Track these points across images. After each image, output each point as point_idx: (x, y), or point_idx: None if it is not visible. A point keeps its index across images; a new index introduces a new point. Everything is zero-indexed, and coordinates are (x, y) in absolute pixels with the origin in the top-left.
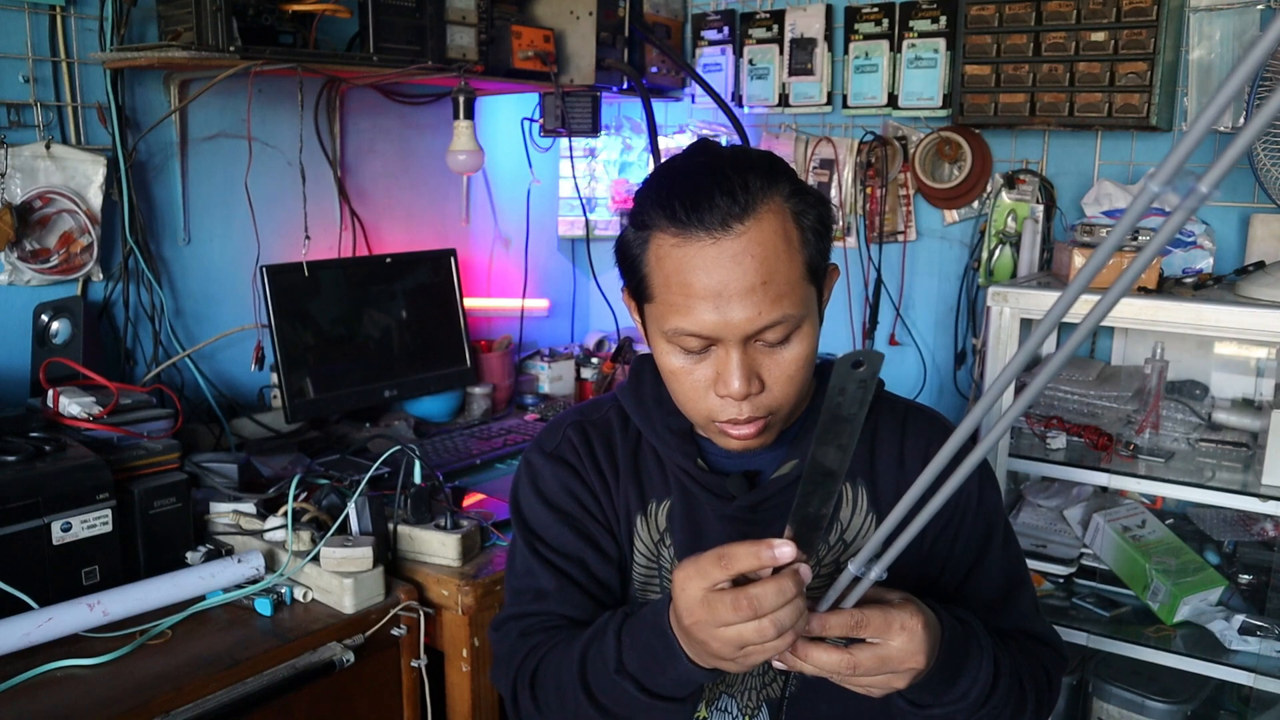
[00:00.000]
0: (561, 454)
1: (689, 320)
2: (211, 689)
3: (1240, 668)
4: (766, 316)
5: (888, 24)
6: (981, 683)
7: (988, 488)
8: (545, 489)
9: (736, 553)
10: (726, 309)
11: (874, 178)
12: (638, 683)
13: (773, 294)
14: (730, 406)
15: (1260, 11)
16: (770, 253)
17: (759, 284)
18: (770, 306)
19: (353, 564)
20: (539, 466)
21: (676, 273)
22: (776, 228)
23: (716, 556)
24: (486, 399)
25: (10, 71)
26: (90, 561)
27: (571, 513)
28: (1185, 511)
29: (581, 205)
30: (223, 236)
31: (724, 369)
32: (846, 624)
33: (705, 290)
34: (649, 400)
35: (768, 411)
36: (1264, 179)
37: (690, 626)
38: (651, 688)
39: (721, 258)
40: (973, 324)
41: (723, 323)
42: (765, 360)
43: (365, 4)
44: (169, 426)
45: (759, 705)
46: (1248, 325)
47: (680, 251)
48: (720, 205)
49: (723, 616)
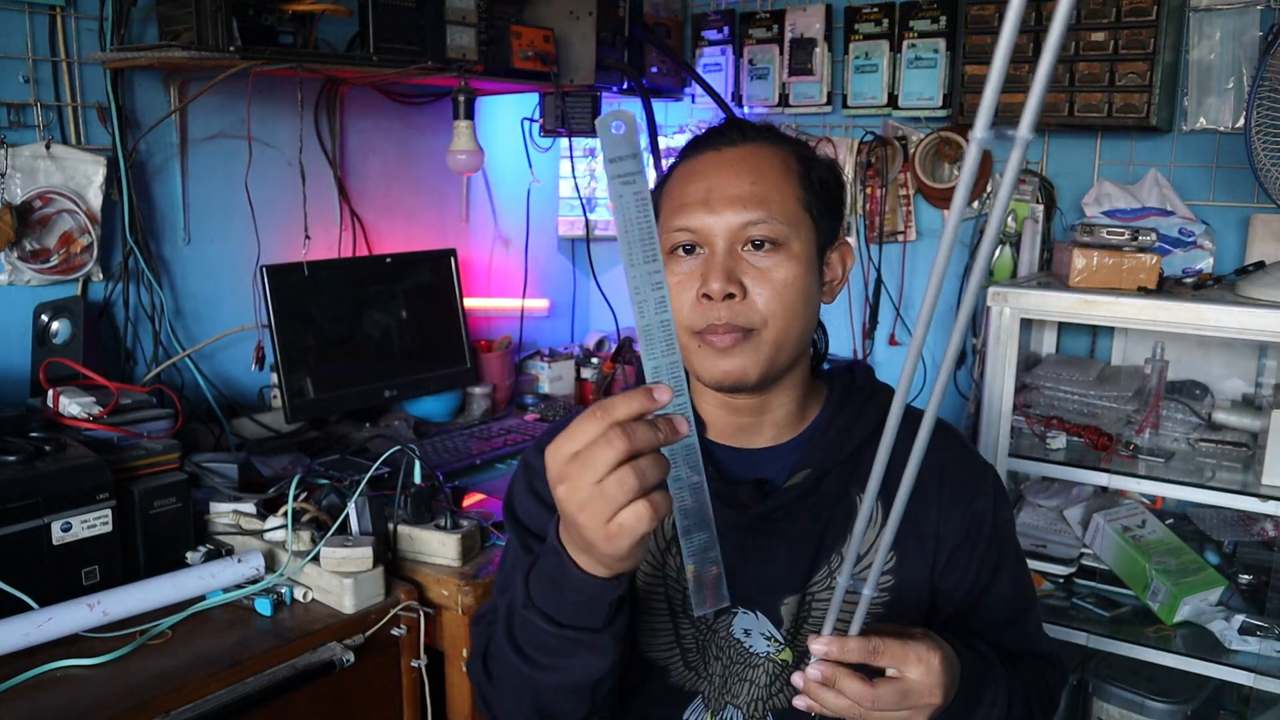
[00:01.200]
0: None
1: (680, 217)
2: (211, 689)
3: (1240, 668)
4: (751, 214)
5: (888, 24)
6: (995, 717)
7: (1002, 506)
8: (541, 489)
9: (616, 403)
10: (716, 204)
11: (874, 178)
12: (544, 614)
13: (759, 197)
14: (711, 311)
15: (1260, 11)
16: (765, 167)
17: (748, 185)
18: (756, 206)
19: (353, 564)
20: (537, 468)
21: (678, 182)
22: (777, 156)
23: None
24: (486, 399)
25: (10, 71)
26: (90, 561)
27: None
28: (1185, 511)
29: (581, 205)
30: (223, 236)
31: (707, 269)
32: (863, 649)
33: (698, 191)
34: None
35: (748, 323)
36: (1264, 179)
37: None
38: (558, 617)
39: (720, 163)
40: (973, 324)
41: (711, 216)
42: (750, 270)
43: (365, 4)
44: (169, 426)
45: (764, 715)
46: (1248, 325)
47: (685, 165)
48: (727, 133)
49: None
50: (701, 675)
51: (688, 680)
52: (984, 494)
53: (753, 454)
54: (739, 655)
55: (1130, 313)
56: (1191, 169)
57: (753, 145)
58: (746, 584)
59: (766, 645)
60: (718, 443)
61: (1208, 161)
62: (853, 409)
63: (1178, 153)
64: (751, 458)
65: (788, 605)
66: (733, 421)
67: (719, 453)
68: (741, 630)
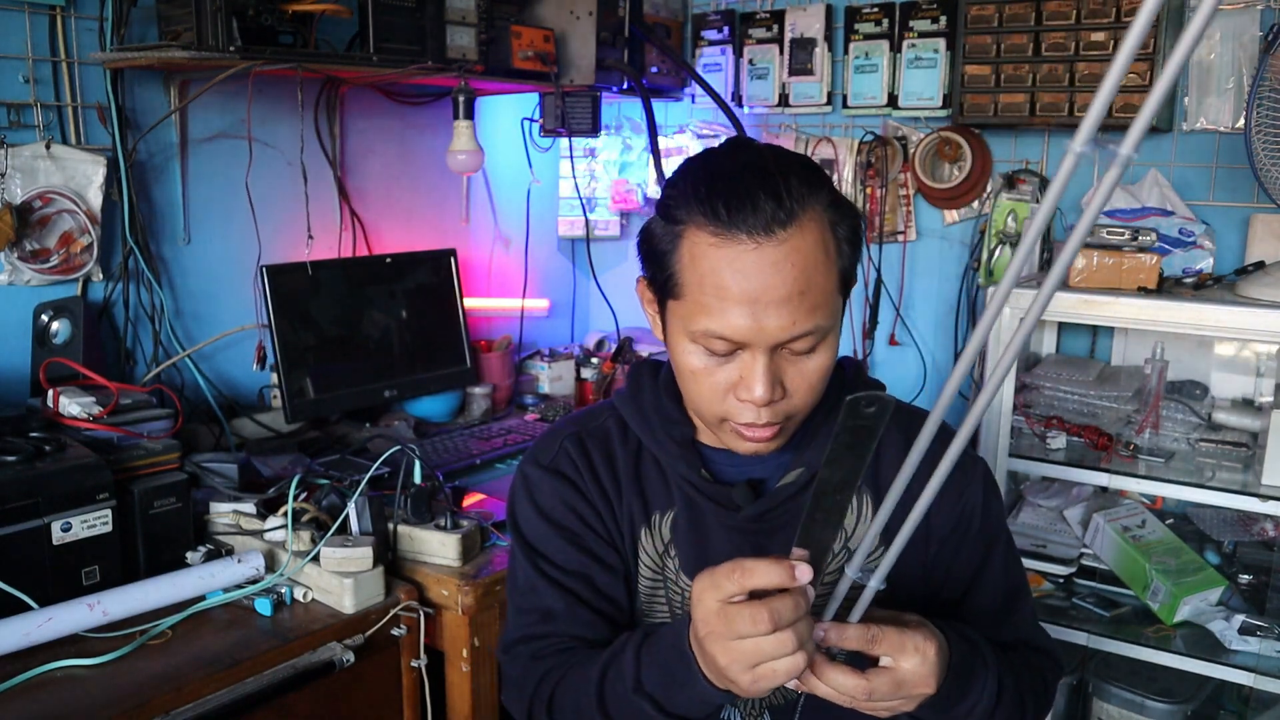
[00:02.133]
0: (558, 467)
1: (721, 323)
2: (211, 689)
3: (1240, 668)
4: (800, 326)
5: (888, 24)
6: (985, 702)
7: (992, 497)
8: (544, 504)
9: (755, 568)
10: (762, 315)
11: (874, 178)
12: (655, 702)
13: (809, 304)
14: (749, 411)
15: (1260, 11)
16: (809, 262)
17: (796, 293)
18: (805, 317)
19: (353, 564)
20: (536, 480)
21: (712, 273)
22: (817, 237)
23: (732, 569)
24: (486, 399)
25: (10, 71)
26: (90, 561)
27: (572, 528)
28: (1185, 511)
29: (581, 205)
30: (223, 236)
31: (749, 375)
32: (862, 637)
33: (742, 295)
34: (649, 408)
35: (785, 417)
36: (1264, 179)
37: (705, 638)
38: (668, 707)
39: (762, 263)
40: (973, 324)
41: (756, 329)
42: (789, 368)
43: (365, 4)
44: (169, 426)
45: (761, 713)
46: (1248, 325)
47: (719, 252)
48: (765, 209)
49: (740, 628)
50: None
51: None
52: (973, 485)
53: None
54: None
55: (1130, 313)
56: (1191, 169)
57: (794, 229)
58: None
59: None
60: (713, 446)
61: (1208, 161)
62: None
63: (1178, 153)
64: (745, 459)
65: None
66: None
67: (711, 454)
68: None
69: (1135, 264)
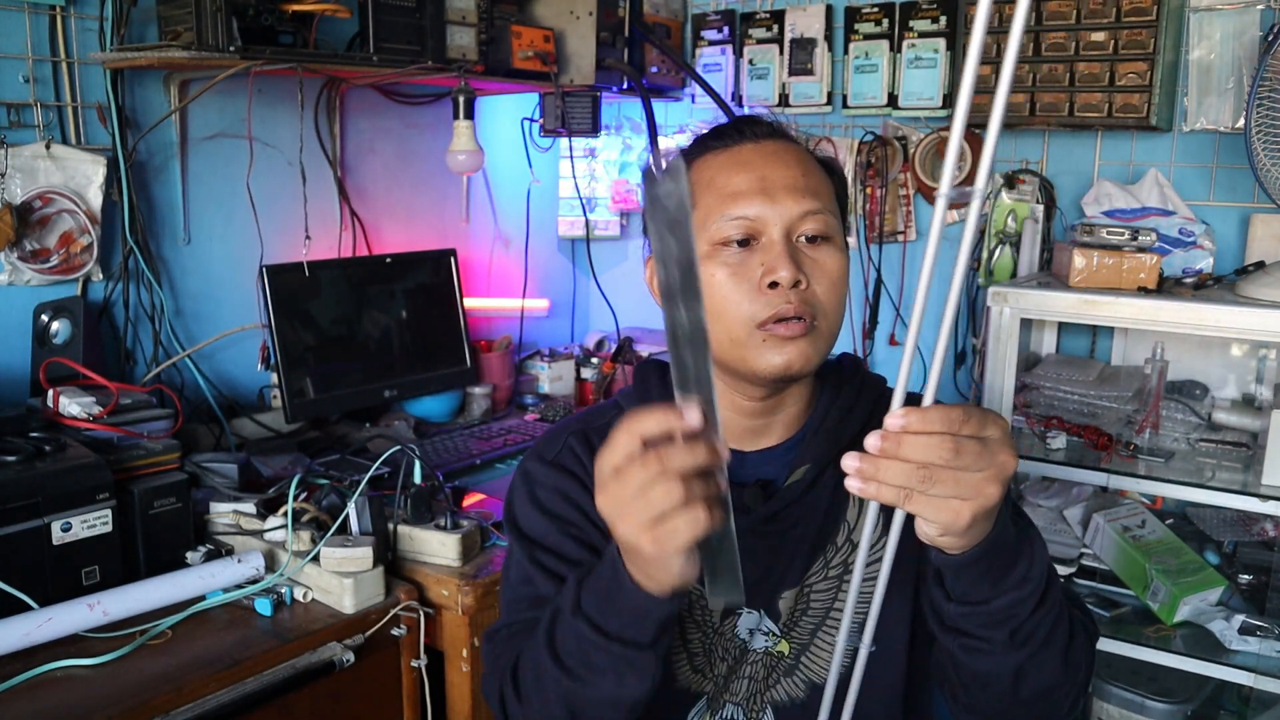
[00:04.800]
0: (562, 462)
1: (733, 206)
2: (211, 689)
3: (1240, 668)
4: (809, 203)
5: (888, 24)
6: (1040, 563)
7: None
8: (543, 497)
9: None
10: (772, 193)
11: (874, 178)
12: (591, 622)
13: (812, 189)
14: (778, 299)
15: (1260, 11)
16: (807, 159)
17: (800, 177)
18: (810, 198)
19: (353, 564)
20: (538, 475)
21: (721, 172)
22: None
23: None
24: (486, 399)
25: (10, 71)
26: (90, 561)
27: (572, 520)
28: (1185, 511)
29: (581, 205)
30: (223, 236)
31: (771, 258)
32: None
33: (750, 181)
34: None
35: (813, 311)
36: (1264, 179)
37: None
38: (604, 625)
39: (764, 153)
40: (973, 324)
41: (769, 205)
42: (806, 259)
43: (365, 4)
44: (169, 426)
45: (763, 709)
46: (1248, 325)
47: (724, 155)
48: (763, 123)
49: (630, 481)
50: (707, 677)
51: (693, 682)
52: None
53: (755, 455)
54: (739, 653)
55: (1130, 313)
56: (1191, 169)
57: (785, 141)
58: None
59: (764, 640)
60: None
61: (1208, 161)
62: (845, 401)
63: (1178, 152)
64: (754, 459)
65: (785, 599)
66: (740, 424)
67: None
68: (745, 630)
69: (1135, 264)
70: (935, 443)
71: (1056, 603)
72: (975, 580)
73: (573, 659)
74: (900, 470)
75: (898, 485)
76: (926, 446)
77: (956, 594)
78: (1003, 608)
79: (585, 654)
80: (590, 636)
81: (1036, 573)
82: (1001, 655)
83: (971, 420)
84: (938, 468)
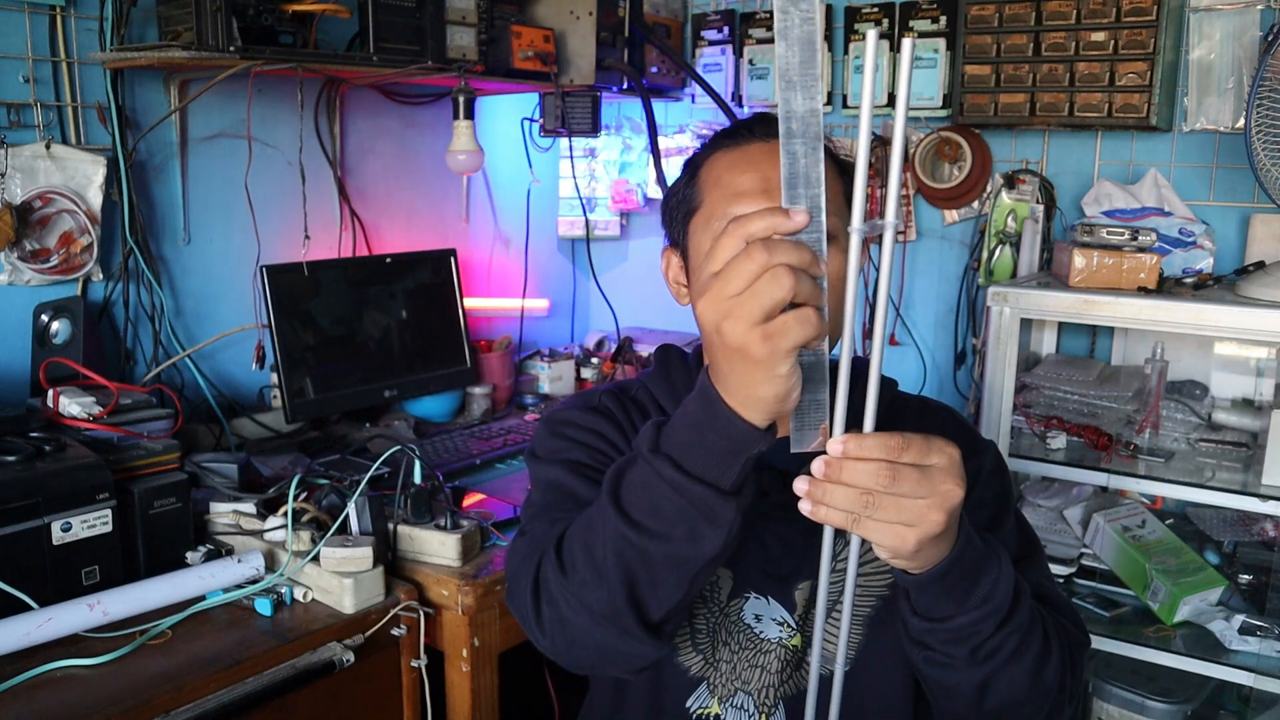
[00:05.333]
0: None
1: (738, 206)
2: (211, 689)
3: (1240, 668)
4: None
5: (888, 24)
6: (1004, 583)
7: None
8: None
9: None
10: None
11: (874, 178)
12: (673, 461)
13: None
14: None
15: (1260, 12)
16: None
17: None
18: None
19: (353, 564)
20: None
21: (728, 170)
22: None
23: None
24: (486, 399)
25: (10, 71)
26: (90, 561)
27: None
28: (1185, 511)
29: (581, 205)
30: (223, 236)
31: None
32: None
33: (754, 181)
34: (681, 388)
35: None
36: (1264, 179)
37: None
38: (687, 465)
39: (771, 153)
40: (973, 324)
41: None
42: None
43: (365, 4)
44: (169, 426)
45: (775, 703)
46: (1248, 325)
47: (735, 153)
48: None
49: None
50: (709, 661)
51: (694, 665)
52: (978, 458)
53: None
54: (749, 641)
55: (1130, 313)
56: (1191, 169)
57: None
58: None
59: (779, 631)
60: None
61: (1207, 161)
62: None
63: (1177, 153)
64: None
65: (802, 590)
66: None
67: None
68: (752, 615)
69: (1135, 264)
70: (873, 469)
71: (1024, 622)
72: (937, 598)
73: (642, 509)
74: (843, 495)
75: (843, 510)
76: (864, 472)
77: (920, 609)
78: (963, 625)
79: (658, 503)
80: (670, 476)
81: (1001, 593)
82: (964, 670)
83: (912, 448)
84: (878, 494)
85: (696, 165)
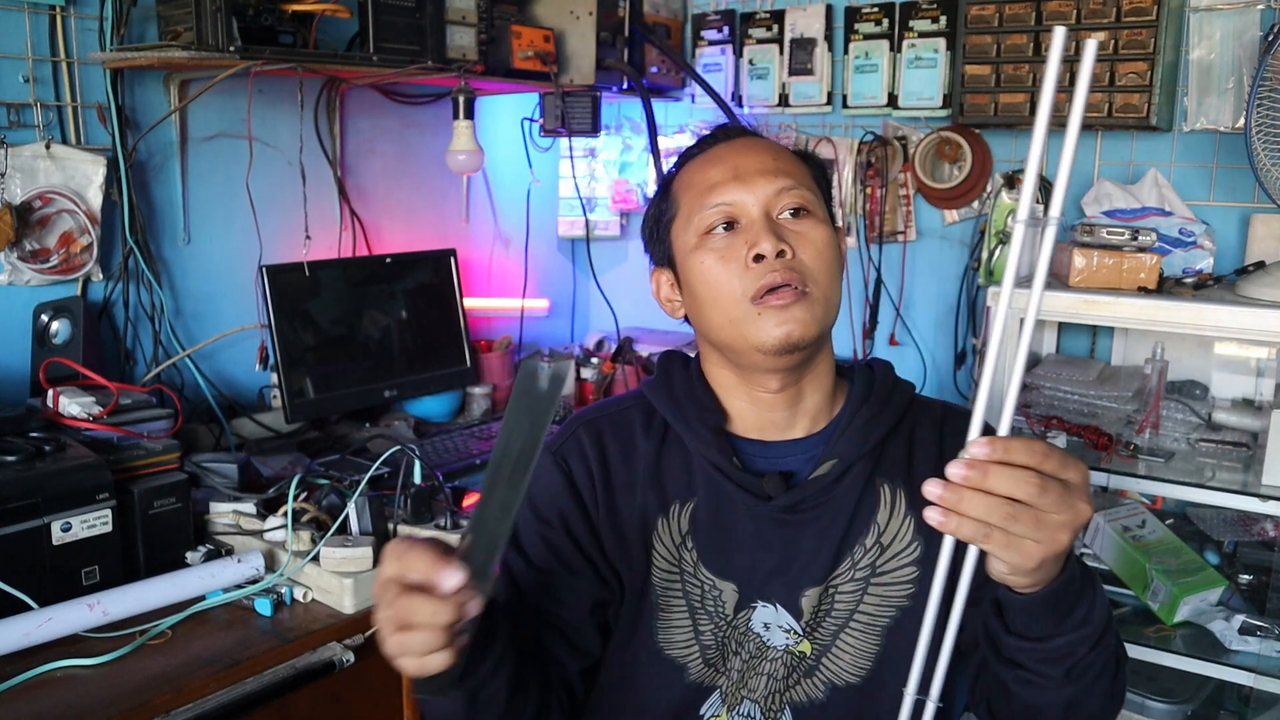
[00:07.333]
0: (564, 455)
1: (712, 196)
2: (211, 689)
3: (1240, 668)
4: (781, 181)
5: (888, 24)
6: (1100, 604)
7: None
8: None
9: (413, 560)
10: (745, 179)
11: (874, 178)
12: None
13: (784, 169)
14: (765, 270)
15: (1260, 12)
16: (777, 147)
17: (772, 161)
18: (783, 176)
19: (353, 564)
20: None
21: (698, 171)
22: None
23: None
24: (486, 399)
25: (10, 71)
26: (90, 561)
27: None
28: (1185, 511)
29: (581, 205)
30: (223, 236)
31: (753, 234)
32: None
33: (724, 172)
34: (681, 395)
35: (802, 279)
36: (1264, 179)
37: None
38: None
39: (737, 147)
40: (973, 324)
41: (744, 189)
42: (789, 233)
43: (365, 4)
44: (169, 426)
45: (781, 708)
46: (1248, 325)
47: (702, 158)
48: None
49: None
50: (720, 671)
51: (706, 676)
52: None
53: (779, 446)
54: (757, 649)
55: (1130, 313)
56: (1191, 169)
57: (755, 137)
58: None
59: (785, 638)
60: (743, 436)
61: (1208, 161)
62: (876, 402)
63: (1178, 152)
64: (778, 450)
65: (809, 597)
66: (762, 417)
67: (742, 445)
68: (761, 624)
69: (1135, 264)
70: (1021, 477)
71: (1112, 641)
72: (1038, 618)
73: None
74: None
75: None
76: (1013, 480)
77: (1016, 628)
78: (1060, 645)
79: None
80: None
81: (1097, 615)
82: (1056, 690)
83: (1053, 459)
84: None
85: (668, 181)
